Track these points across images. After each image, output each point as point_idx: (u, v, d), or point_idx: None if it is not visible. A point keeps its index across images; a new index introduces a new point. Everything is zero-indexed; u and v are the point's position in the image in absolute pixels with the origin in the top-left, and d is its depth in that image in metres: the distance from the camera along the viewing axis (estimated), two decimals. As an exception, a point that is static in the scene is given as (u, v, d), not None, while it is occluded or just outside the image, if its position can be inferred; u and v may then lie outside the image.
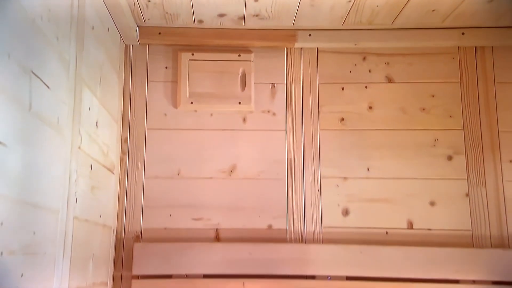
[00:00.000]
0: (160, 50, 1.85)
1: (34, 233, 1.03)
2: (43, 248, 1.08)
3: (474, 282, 1.66)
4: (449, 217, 1.75)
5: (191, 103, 1.80)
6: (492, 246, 1.72)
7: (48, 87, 1.08)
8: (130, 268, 1.68)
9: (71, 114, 1.23)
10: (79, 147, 1.31)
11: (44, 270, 1.09)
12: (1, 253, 0.88)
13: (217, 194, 1.77)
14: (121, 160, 1.76)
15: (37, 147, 1.04)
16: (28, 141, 0.99)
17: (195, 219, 1.75)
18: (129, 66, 1.83)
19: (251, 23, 1.80)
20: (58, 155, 1.17)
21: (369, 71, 1.85)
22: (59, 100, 1.16)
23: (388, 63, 1.85)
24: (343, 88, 1.83)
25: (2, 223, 0.88)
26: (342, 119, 1.82)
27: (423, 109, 1.82)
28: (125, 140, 1.78)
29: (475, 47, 1.85)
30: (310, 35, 1.84)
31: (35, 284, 1.04)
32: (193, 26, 1.82)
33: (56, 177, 1.16)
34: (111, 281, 1.68)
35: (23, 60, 0.96)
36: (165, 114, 1.81)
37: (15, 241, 0.94)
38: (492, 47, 1.84)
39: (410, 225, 1.75)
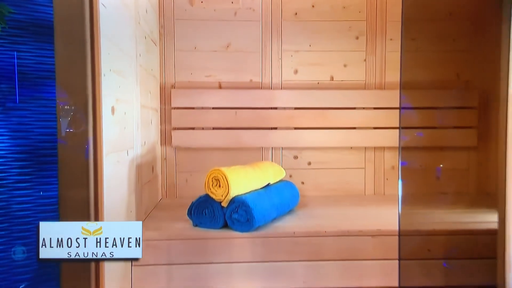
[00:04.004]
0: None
1: (121, 64, 1.22)
2: (128, 73, 1.26)
3: (364, 108, 1.87)
4: (354, 73, 1.91)
5: (201, 2, 1.86)
6: (375, 88, 1.91)
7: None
8: (169, 103, 1.84)
9: (133, 0, 1.35)
10: (139, 23, 1.44)
11: (128, 87, 1.29)
12: (110, 69, 1.08)
13: (219, 61, 1.88)
14: (159, 39, 1.87)
15: (121, 15, 1.18)
16: (117, 8, 1.13)
17: (206, 76, 1.88)
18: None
19: None
20: (129, 25, 1.30)
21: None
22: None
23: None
24: (297, -7, 1.90)
25: (109, 54, 1.07)
26: (296, 13, 1.91)
27: (344, 7, 1.91)
28: (161, 26, 1.87)
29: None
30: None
31: (124, 94, 1.24)
32: None
33: (128, 37, 1.30)
34: (159, 109, 1.87)
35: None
36: (185, 10, 1.87)
37: (113, 65, 1.11)
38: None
39: (332, 78, 1.92)
